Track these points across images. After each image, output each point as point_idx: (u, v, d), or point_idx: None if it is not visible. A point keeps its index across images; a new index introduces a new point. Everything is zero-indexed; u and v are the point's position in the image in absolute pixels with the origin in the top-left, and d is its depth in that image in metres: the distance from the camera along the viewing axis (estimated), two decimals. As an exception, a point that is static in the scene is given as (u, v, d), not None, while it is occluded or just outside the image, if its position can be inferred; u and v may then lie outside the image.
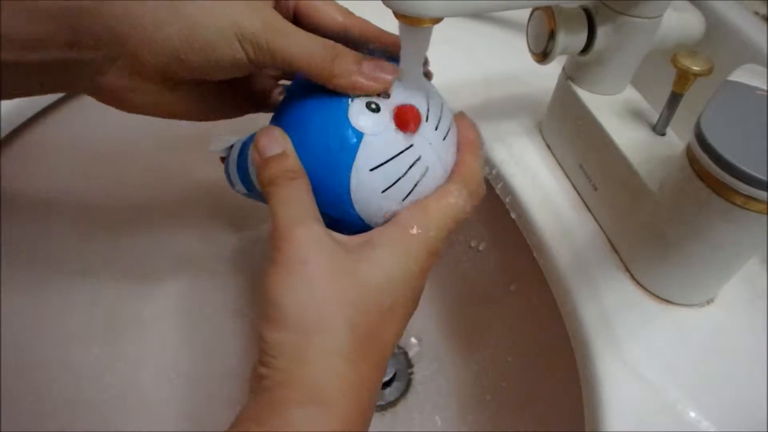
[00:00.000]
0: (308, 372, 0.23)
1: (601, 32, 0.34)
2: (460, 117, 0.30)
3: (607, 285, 0.34)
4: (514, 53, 0.49)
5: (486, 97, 0.46)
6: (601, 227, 0.37)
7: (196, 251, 0.53)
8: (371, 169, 0.26)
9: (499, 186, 0.41)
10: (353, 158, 0.26)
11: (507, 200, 0.40)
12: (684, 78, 0.31)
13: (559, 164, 0.41)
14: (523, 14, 0.38)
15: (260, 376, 0.23)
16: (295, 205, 0.25)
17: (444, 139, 0.28)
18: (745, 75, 0.29)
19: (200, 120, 0.31)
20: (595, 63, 0.36)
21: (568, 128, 0.39)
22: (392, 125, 0.26)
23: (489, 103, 0.45)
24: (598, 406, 0.29)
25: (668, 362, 0.31)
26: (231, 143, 0.35)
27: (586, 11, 0.35)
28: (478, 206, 0.28)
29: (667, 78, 0.32)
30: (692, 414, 0.29)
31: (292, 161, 0.26)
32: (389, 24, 0.28)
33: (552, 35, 0.34)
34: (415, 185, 0.26)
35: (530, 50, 0.37)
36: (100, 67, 0.26)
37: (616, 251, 0.36)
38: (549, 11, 0.34)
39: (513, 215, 0.40)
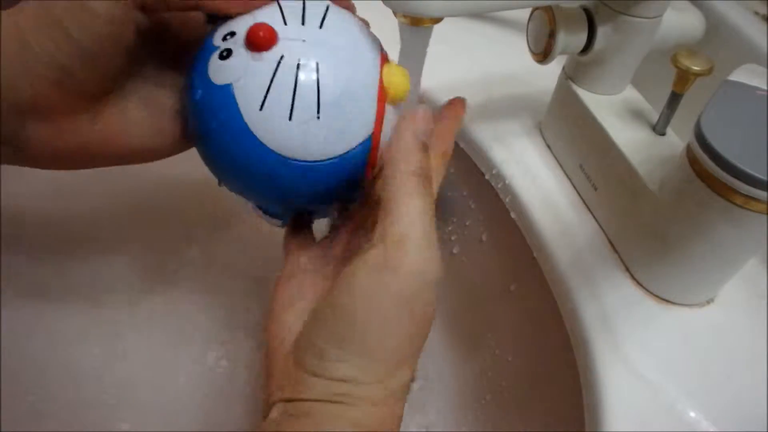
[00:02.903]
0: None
1: (601, 32, 0.34)
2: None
3: (607, 285, 0.34)
4: (514, 53, 0.49)
5: (486, 97, 0.46)
6: (601, 227, 0.37)
7: (196, 251, 0.53)
8: (260, 109, 0.24)
9: (499, 186, 0.41)
10: (237, 111, 0.24)
11: (507, 200, 0.40)
12: (684, 78, 0.31)
13: (559, 164, 0.41)
14: (523, 14, 0.38)
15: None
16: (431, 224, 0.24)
17: (321, 26, 0.25)
18: (745, 75, 0.29)
19: (170, 152, 0.29)
20: (595, 63, 0.36)
21: (568, 128, 0.39)
22: (249, 56, 0.24)
23: (489, 103, 0.45)
24: (598, 406, 0.29)
25: (668, 362, 0.31)
26: None
27: (586, 11, 0.35)
28: (479, 205, 0.28)
29: (667, 78, 0.32)
30: (692, 414, 0.29)
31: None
32: (390, 24, 0.28)
33: (552, 35, 0.34)
34: (318, 87, 0.24)
35: (530, 50, 0.37)
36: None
37: (616, 251, 0.36)
38: (549, 11, 0.34)
39: (513, 215, 0.40)
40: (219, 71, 0.24)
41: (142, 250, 0.51)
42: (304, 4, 0.25)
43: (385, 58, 0.26)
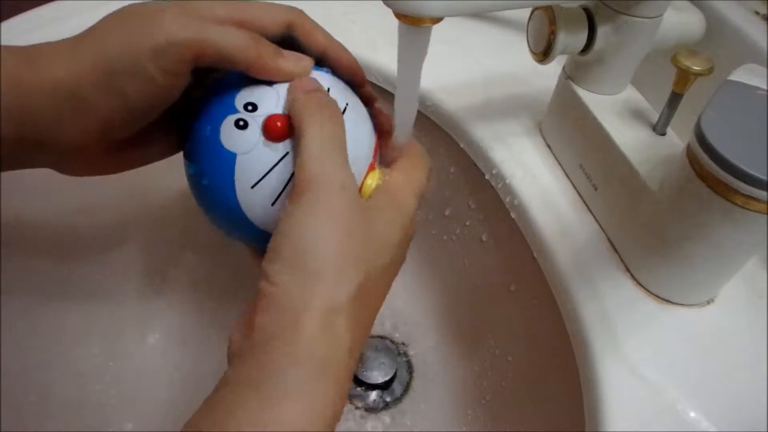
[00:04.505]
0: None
1: (601, 32, 0.34)
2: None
3: (607, 285, 0.34)
4: (514, 53, 0.49)
5: (486, 97, 0.46)
6: (601, 227, 0.37)
7: (194, 252, 0.53)
8: (252, 186, 0.26)
9: (499, 186, 0.41)
10: (233, 178, 0.26)
11: (507, 200, 0.40)
12: (684, 78, 0.31)
13: (559, 164, 0.41)
14: (523, 14, 0.38)
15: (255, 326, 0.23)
16: (338, 148, 0.25)
17: None
18: (745, 75, 0.29)
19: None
20: (595, 63, 0.36)
21: (568, 128, 0.39)
22: (262, 139, 0.26)
23: (489, 103, 0.45)
24: (598, 406, 0.29)
25: (668, 362, 0.31)
26: None
27: (586, 11, 0.35)
28: (479, 205, 0.28)
29: (667, 78, 0.32)
30: (692, 414, 0.29)
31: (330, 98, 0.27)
32: (390, 24, 0.28)
33: (552, 35, 0.34)
34: None
35: (530, 50, 0.37)
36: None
37: (616, 251, 0.36)
38: (549, 11, 0.34)
39: (513, 215, 0.40)
40: (230, 137, 0.26)
41: (140, 252, 0.51)
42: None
43: (372, 166, 0.29)
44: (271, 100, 0.26)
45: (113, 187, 0.49)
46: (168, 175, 0.51)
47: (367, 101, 0.31)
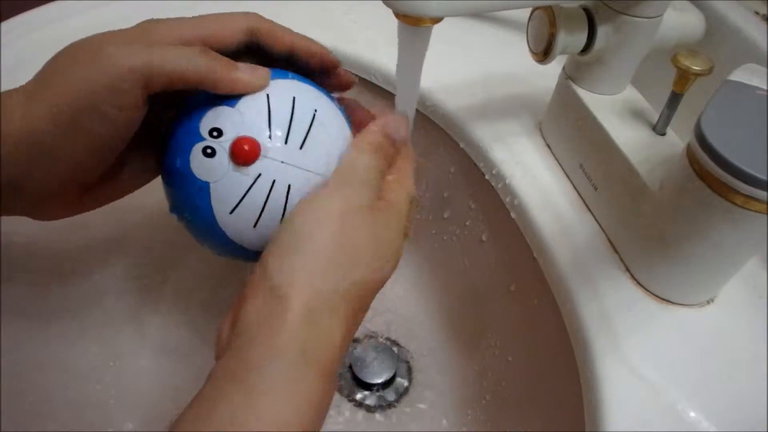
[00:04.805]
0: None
1: (601, 32, 0.34)
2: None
3: (607, 285, 0.34)
4: (514, 53, 0.49)
5: (486, 97, 0.46)
6: (601, 227, 0.37)
7: (199, 251, 0.53)
8: (230, 212, 0.26)
9: (499, 186, 0.41)
10: (210, 207, 0.26)
11: (507, 200, 0.40)
12: (684, 78, 0.31)
13: (559, 164, 0.41)
14: (523, 14, 0.38)
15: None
16: (374, 176, 0.26)
17: (302, 146, 0.26)
18: (745, 75, 0.29)
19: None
20: (595, 63, 0.36)
21: (568, 128, 0.39)
22: (231, 164, 0.26)
23: (489, 103, 0.45)
24: (598, 406, 0.29)
25: (668, 362, 0.31)
26: None
27: (586, 11, 0.35)
28: (479, 205, 0.28)
29: (668, 78, 0.32)
30: (692, 414, 0.29)
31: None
32: (390, 24, 0.28)
33: (552, 35, 0.34)
34: (285, 205, 0.26)
35: (530, 50, 0.37)
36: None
37: (616, 251, 0.36)
38: (549, 11, 0.34)
39: (513, 215, 0.40)
40: (200, 166, 0.26)
41: (140, 252, 0.51)
42: (293, 108, 0.27)
43: None
44: (234, 122, 0.26)
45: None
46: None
47: (343, 84, 0.31)
